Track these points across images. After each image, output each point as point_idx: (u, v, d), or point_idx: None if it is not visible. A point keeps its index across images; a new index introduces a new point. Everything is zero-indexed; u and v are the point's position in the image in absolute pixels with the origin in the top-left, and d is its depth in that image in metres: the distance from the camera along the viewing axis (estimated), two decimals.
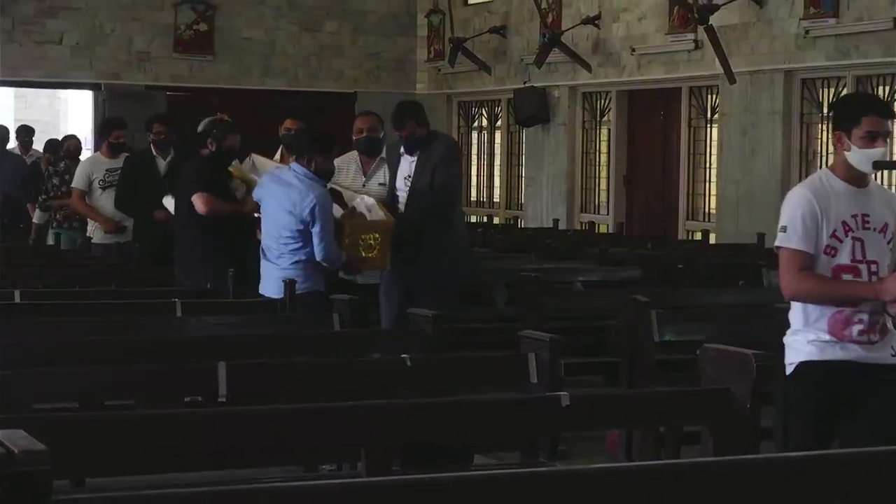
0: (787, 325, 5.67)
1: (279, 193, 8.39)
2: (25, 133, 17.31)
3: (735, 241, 14.30)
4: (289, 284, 8.07)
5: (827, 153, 14.33)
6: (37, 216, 13.99)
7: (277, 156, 10.05)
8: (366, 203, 8.85)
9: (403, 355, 6.27)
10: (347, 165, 9.46)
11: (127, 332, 7.07)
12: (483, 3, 19.68)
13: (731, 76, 14.34)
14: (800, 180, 14.45)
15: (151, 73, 19.52)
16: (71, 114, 31.77)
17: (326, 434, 4.91)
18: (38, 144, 17.55)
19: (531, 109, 17.88)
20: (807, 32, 13.94)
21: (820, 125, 14.43)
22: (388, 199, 9.12)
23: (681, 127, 16.33)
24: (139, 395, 5.66)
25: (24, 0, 18.88)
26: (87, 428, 4.65)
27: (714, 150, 15.71)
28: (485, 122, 20.07)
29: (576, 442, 7.47)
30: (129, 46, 19.41)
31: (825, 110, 14.27)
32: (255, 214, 8.93)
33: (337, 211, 8.66)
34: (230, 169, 9.52)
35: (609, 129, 17.55)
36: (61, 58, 19.15)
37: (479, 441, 5.79)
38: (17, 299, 8.28)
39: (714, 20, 14.38)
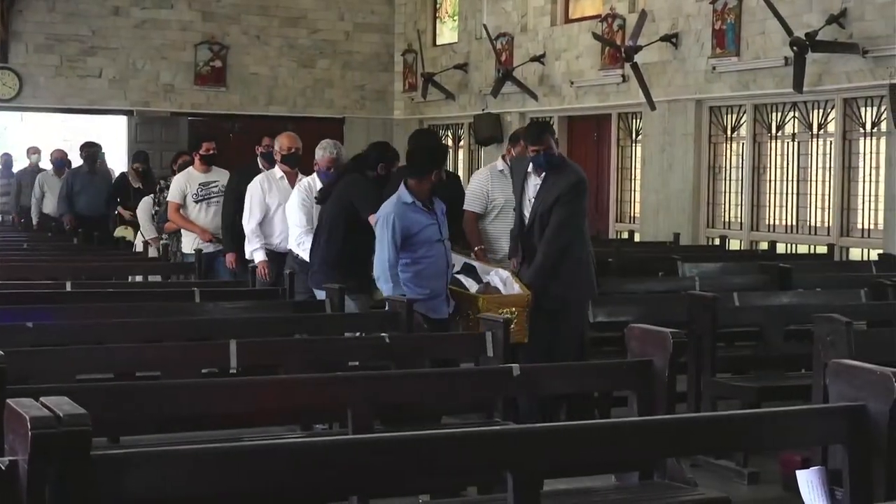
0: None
1: None
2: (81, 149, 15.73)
3: (655, 239, 14.33)
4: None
5: (730, 167, 14.39)
6: (148, 231, 12.28)
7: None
8: (500, 276, 7.56)
9: (383, 334, 6.25)
10: (502, 179, 8.39)
11: (154, 316, 7.03)
12: (449, 44, 19.68)
13: (651, 104, 14.37)
14: (708, 190, 14.59)
15: (175, 102, 19.46)
16: (108, 135, 31.52)
17: (319, 399, 4.89)
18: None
19: (488, 131, 17.87)
20: (714, 68, 13.98)
21: (724, 145, 14.47)
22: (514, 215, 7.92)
23: (611, 146, 16.34)
24: (164, 367, 5.62)
25: (69, 41, 18.83)
26: (121, 395, 4.62)
27: (638, 165, 15.73)
28: (450, 142, 20.04)
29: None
30: (157, 80, 19.36)
31: (729, 132, 14.32)
32: None
33: (472, 286, 7.52)
34: None
35: None
36: (100, 89, 19.09)
37: (445, 404, 5.78)
38: (68, 288, 8.24)
39: (638, 58, 14.40)
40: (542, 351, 7.34)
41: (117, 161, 18.57)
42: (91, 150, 15.36)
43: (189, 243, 10.51)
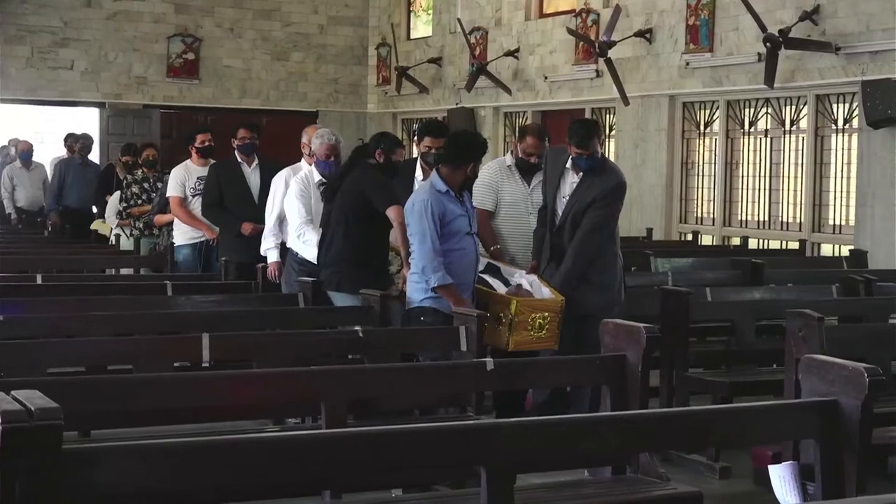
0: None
1: None
2: (74, 140, 15.49)
3: (628, 234, 14.33)
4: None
5: (702, 163, 14.43)
6: (116, 226, 11.85)
7: (418, 172, 8.18)
8: (527, 278, 7.14)
9: (356, 327, 6.24)
10: (510, 174, 7.96)
11: (126, 309, 7.00)
12: (423, 38, 19.66)
13: (625, 100, 14.39)
14: (681, 186, 14.64)
15: (148, 94, 19.37)
16: (79, 128, 31.30)
17: (292, 393, 4.88)
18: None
19: (462, 126, 17.86)
20: (687, 64, 14.01)
21: (697, 140, 14.51)
22: (543, 208, 7.49)
23: None
24: (136, 361, 5.59)
25: (41, 32, 18.71)
26: (93, 389, 4.59)
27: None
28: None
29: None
30: (130, 72, 19.25)
31: (702, 128, 14.36)
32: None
33: (499, 286, 7.09)
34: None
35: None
36: (72, 81, 18.98)
37: (419, 398, 5.78)
38: (39, 281, 8.19)
39: (612, 54, 14.42)
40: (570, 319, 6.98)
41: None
42: (86, 142, 15.12)
43: (181, 235, 10.02)
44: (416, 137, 9.32)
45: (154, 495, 3.43)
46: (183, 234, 10.01)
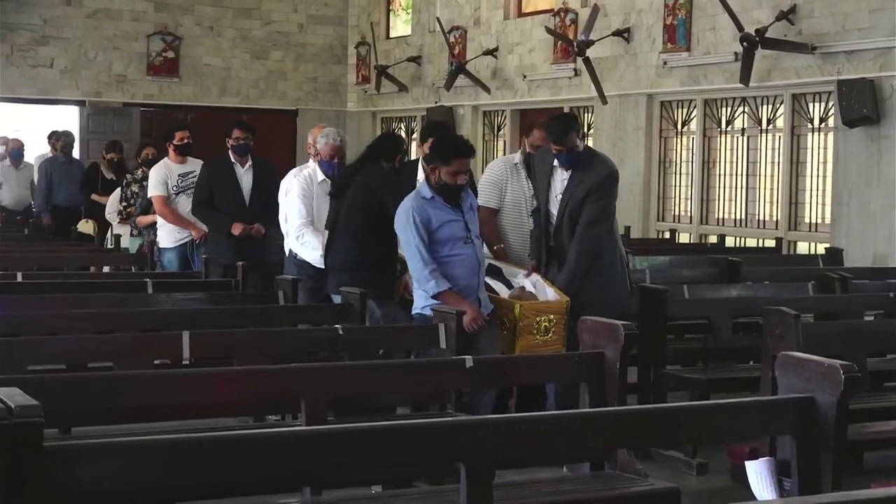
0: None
1: None
2: (56, 138, 15.07)
3: None
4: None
5: (680, 161, 14.47)
6: (118, 227, 11.59)
7: (420, 174, 7.55)
8: (531, 279, 6.90)
9: (336, 325, 6.23)
10: (515, 173, 7.67)
11: (106, 307, 6.97)
12: (402, 36, 19.66)
13: (603, 98, 14.42)
14: (659, 184, 14.68)
15: (128, 93, 19.30)
16: (59, 126, 31.12)
17: (272, 390, 4.87)
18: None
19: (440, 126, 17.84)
20: (665, 63, 14.05)
21: (675, 139, 14.55)
22: (536, 209, 7.33)
23: None
24: (116, 358, 5.57)
25: (20, 30, 18.63)
26: (73, 386, 4.58)
27: None
28: (403, 135, 20.02)
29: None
30: (110, 70, 19.19)
31: (679, 127, 14.40)
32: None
33: (502, 290, 6.88)
34: None
35: (504, 141, 17.59)
36: (52, 79, 18.90)
37: (399, 395, 5.78)
38: (19, 279, 8.15)
39: (590, 53, 14.45)
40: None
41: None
42: (68, 140, 14.97)
43: (166, 237, 9.90)
44: (419, 138, 9.16)
45: (135, 492, 3.42)
46: (168, 235, 9.90)
